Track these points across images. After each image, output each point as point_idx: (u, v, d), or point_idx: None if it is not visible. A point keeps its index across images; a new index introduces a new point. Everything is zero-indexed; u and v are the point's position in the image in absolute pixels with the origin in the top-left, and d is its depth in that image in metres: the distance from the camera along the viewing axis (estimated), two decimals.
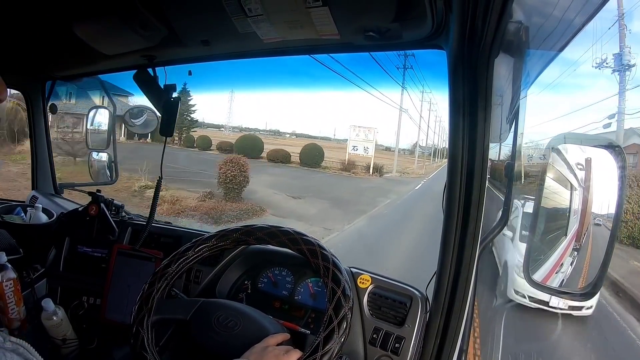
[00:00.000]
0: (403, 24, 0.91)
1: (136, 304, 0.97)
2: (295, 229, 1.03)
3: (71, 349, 1.29)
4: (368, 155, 21.14)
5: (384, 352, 1.02)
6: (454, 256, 0.96)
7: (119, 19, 0.99)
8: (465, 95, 0.89)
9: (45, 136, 1.88)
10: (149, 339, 0.91)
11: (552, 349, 2.20)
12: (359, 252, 6.55)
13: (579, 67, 8.04)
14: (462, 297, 0.96)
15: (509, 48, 0.91)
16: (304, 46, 1.13)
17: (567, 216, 1.03)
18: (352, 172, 19.73)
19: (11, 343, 0.53)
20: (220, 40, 1.12)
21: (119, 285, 1.39)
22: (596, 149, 0.85)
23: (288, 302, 1.21)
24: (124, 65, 1.41)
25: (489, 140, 0.90)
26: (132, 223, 1.52)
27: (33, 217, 1.61)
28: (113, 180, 1.85)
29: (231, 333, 0.91)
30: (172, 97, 1.27)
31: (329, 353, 0.82)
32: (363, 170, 20.13)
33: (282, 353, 0.83)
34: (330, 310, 0.86)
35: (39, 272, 1.44)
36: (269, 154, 20.06)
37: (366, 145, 21.37)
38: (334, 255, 0.97)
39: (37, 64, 1.52)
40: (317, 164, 19.81)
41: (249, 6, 0.88)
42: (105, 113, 1.84)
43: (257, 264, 1.27)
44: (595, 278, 0.86)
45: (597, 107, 9.60)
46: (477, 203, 0.92)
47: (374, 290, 1.10)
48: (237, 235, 1.05)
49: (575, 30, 1.00)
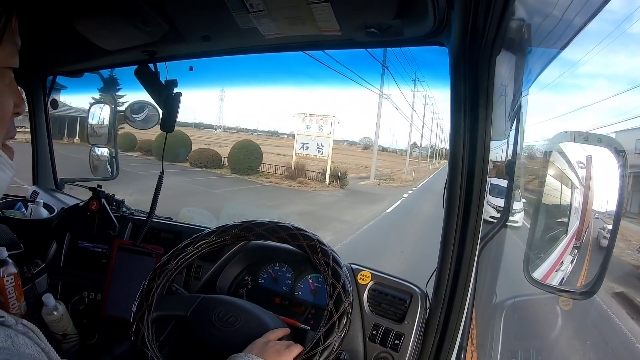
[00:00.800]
0: (404, 21, 0.90)
1: (136, 301, 0.97)
2: (294, 225, 1.03)
3: (72, 344, 1.30)
4: (323, 156, 15.56)
5: (384, 349, 1.02)
6: (454, 253, 0.96)
7: (120, 15, 0.99)
8: (467, 93, 0.88)
9: (46, 131, 1.88)
10: (149, 335, 0.92)
11: (551, 346, 2.21)
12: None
13: (580, 67, 8.04)
14: (462, 294, 0.97)
15: (510, 45, 0.91)
16: (305, 42, 1.13)
17: (567, 214, 1.03)
18: (298, 181, 14.52)
19: (22, 326, 0.54)
20: (221, 36, 1.12)
21: (119, 280, 1.39)
22: (597, 147, 0.85)
23: (288, 298, 1.21)
24: (125, 60, 1.40)
25: (490, 138, 0.90)
26: (132, 218, 1.53)
27: (34, 212, 1.62)
28: (114, 175, 1.85)
29: (232, 329, 0.91)
30: (173, 92, 1.27)
31: (329, 347, 0.82)
32: (318, 178, 14.99)
33: (283, 348, 0.84)
34: (330, 305, 0.87)
35: (40, 267, 1.44)
36: (190, 157, 15.68)
37: (320, 142, 15.66)
38: (333, 250, 0.97)
39: (38, 59, 1.52)
40: (251, 169, 15.05)
41: (250, 2, 0.88)
42: (106, 108, 1.83)
43: (257, 260, 1.27)
44: (595, 276, 0.86)
45: (597, 107, 9.63)
46: (477, 200, 0.92)
47: (374, 286, 1.10)
48: (237, 232, 1.05)
49: (577, 29, 0.99)
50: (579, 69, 7.82)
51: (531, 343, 1.77)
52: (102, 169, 1.87)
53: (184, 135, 16.83)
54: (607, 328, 3.76)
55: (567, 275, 1.07)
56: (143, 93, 1.32)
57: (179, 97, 1.27)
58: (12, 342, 0.49)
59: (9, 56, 0.57)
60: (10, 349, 0.48)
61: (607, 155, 0.82)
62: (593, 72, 19.10)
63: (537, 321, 1.96)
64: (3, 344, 0.48)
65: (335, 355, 0.84)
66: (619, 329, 3.81)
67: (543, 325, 1.94)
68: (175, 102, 1.27)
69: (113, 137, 1.83)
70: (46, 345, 0.55)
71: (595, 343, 3.28)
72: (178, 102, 1.27)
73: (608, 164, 0.82)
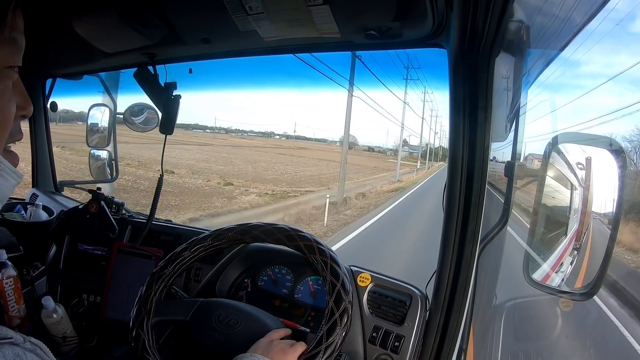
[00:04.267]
0: (404, 23, 0.90)
1: (134, 307, 0.97)
2: (291, 226, 1.03)
3: (71, 346, 1.29)
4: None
5: (384, 351, 1.02)
6: (454, 255, 0.96)
7: (120, 17, 0.99)
8: (466, 94, 0.89)
9: (45, 134, 1.88)
10: (149, 341, 0.91)
11: (551, 347, 2.20)
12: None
13: (581, 67, 8.05)
14: (462, 295, 0.97)
15: (509, 47, 0.91)
16: (305, 44, 1.13)
17: (567, 215, 1.04)
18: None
19: (30, 344, 0.53)
20: (220, 38, 1.12)
21: (119, 283, 1.39)
22: (596, 148, 0.85)
23: (288, 301, 1.21)
24: (124, 63, 1.41)
25: (489, 140, 0.90)
26: (132, 221, 1.53)
27: (33, 214, 1.61)
28: (113, 178, 1.86)
29: (232, 331, 0.91)
30: (173, 95, 1.27)
31: (332, 345, 0.82)
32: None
33: (288, 346, 0.84)
34: (331, 303, 0.87)
35: (39, 269, 1.44)
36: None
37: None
38: (331, 250, 0.97)
39: (37, 61, 1.52)
40: None
41: (249, 4, 0.88)
42: (106, 111, 1.83)
43: (257, 262, 1.27)
44: (595, 277, 0.86)
45: (596, 107, 9.63)
46: (477, 202, 0.92)
47: (374, 288, 1.10)
48: (233, 235, 1.04)
49: (577, 30, 1.00)
50: (580, 68, 7.83)
51: (531, 345, 1.77)
52: (101, 171, 1.87)
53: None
54: (608, 329, 3.76)
55: (567, 277, 1.07)
56: (142, 95, 1.33)
57: (179, 100, 1.27)
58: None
59: (9, 55, 0.54)
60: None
61: (606, 156, 0.82)
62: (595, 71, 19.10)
63: (537, 323, 1.96)
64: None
65: (337, 353, 0.84)
66: (620, 329, 3.81)
67: (543, 326, 1.93)
68: (174, 105, 1.27)
69: (112, 140, 1.83)
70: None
71: (595, 344, 3.28)
72: (177, 104, 1.27)
73: (607, 165, 0.82)
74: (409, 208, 13.69)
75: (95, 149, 1.87)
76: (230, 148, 18.27)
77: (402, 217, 11.83)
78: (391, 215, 11.85)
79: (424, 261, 0.90)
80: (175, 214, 10.12)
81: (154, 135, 1.48)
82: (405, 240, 8.45)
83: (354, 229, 9.31)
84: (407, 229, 9.96)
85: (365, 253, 7.13)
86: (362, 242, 8.08)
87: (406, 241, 8.36)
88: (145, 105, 1.66)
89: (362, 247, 7.64)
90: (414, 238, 8.58)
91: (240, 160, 17.59)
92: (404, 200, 15.58)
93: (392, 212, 12.56)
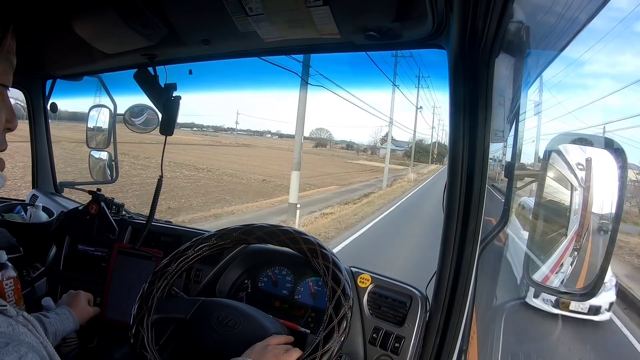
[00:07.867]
0: (404, 24, 0.90)
1: (136, 303, 0.97)
2: (295, 228, 1.03)
3: (71, 347, 1.29)
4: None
5: (384, 352, 1.02)
6: (454, 256, 0.96)
7: (120, 18, 0.99)
8: (466, 95, 0.89)
9: (45, 135, 1.88)
10: (149, 338, 0.91)
11: (551, 348, 2.20)
12: None
13: (583, 66, 8.05)
14: (462, 296, 0.96)
15: (509, 48, 0.91)
16: (304, 45, 1.13)
17: (567, 216, 1.03)
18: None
19: (23, 318, 0.57)
20: (220, 39, 1.12)
21: (119, 284, 1.39)
22: (596, 149, 0.85)
23: (288, 302, 1.21)
24: (124, 64, 1.41)
25: (489, 140, 0.90)
26: (132, 222, 1.53)
27: (33, 215, 1.61)
28: (113, 179, 1.85)
29: (231, 332, 0.91)
30: (173, 96, 1.27)
31: (329, 352, 0.82)
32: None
33: (282, 352, 0.84)
34: (330, 309, 0.86)
35: (39, 270, 1.44)
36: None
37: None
38: (334, 254, 0.97)
39: (37, 62, 1.52)
40: None
41: (249, 5, 0.88)
42: (106, 112, 1.83)
43: (257, 263, 1.27)
44: (595, 278, 0.86)
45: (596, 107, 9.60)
46: (477, 202, 0.92)
47: (374, 289, 1.10)
48: (237, 235, 1.05)
49: (576, 31, 1.00)
50: (582, 68, 7.82)
51: (532, 345, 1.77)
52: (101, 172, 1.87)
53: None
54: (608, 331, 3.76)
55: (567, 277, 1.07)
56: (142, 96, 1.33)
57: (179, 101, 1.27)
58: (13, 329, 0.52)
59: (3, 73, 0.59)
60: (10, 335, 0.50)
61: (606, 157, 0.82)
62: (598, 71, 19.07)
63: (538, 324, 1.96)
64: (4, 329, 0.50)
65: (334, 359, 0.83)
66: (620, 331, 3.81)
67: (543, 327, 1.93)
68: (174, 106, 1.27)
69: (113, 141, 1.83)
70: (44, 340, 0.58)
71: (595, 345, 3.28)
72: (177, 105, 1.27)
73: (607, 166, 0.82)
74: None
75: (96, 150, 1.87)
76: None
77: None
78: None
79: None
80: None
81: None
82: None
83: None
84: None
85: None
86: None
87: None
88: (145, 106, 1.66)
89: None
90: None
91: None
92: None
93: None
